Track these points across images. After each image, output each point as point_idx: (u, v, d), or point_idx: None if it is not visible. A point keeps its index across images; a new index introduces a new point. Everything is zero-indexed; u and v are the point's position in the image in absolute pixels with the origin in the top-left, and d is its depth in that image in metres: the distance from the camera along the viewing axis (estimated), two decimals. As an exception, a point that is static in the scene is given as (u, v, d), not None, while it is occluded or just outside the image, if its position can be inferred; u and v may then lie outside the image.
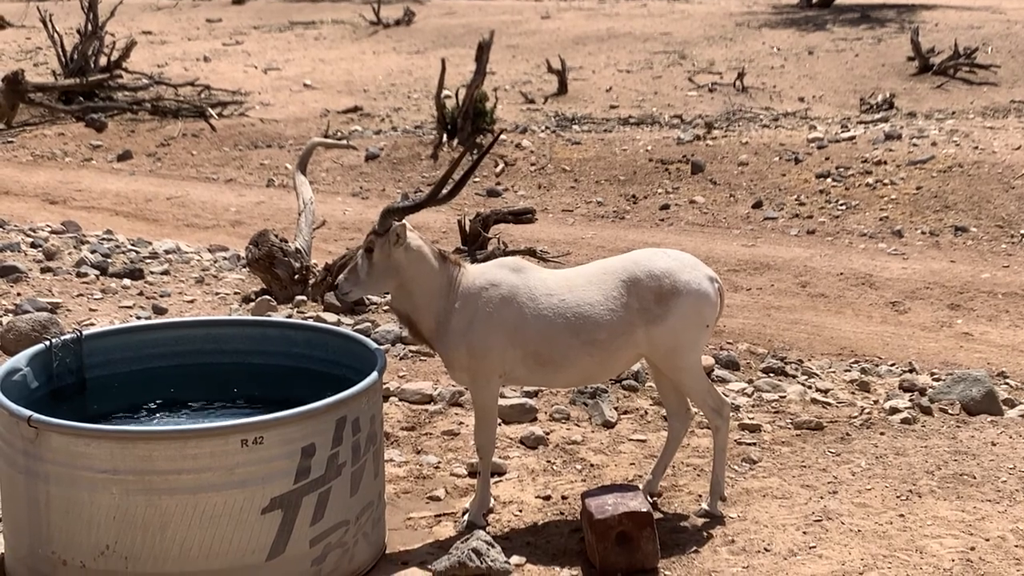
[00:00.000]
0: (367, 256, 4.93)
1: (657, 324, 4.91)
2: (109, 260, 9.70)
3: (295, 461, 4.20)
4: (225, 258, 10.56)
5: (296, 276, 8.59)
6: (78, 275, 9.17)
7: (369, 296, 8.53)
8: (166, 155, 18.17)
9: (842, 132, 16.31)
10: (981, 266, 12.02)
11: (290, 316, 7.89)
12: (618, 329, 4.90)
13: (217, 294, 9.00)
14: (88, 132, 18.88)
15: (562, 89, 21.54)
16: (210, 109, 19.70)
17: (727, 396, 6.89)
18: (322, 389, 4.51)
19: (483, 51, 17.08)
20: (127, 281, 9.13)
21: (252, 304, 8.31)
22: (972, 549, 4.70)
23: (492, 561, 4.46)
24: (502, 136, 17.41)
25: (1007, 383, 7.96)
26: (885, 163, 14.89)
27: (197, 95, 20.81)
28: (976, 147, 14.98)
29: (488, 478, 5.16)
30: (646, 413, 6.51)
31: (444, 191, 5.02)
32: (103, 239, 10.78)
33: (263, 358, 5.28)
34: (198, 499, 4.08)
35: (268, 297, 8.41)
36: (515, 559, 4.69)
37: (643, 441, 6.07)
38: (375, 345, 4.90)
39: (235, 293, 8.98)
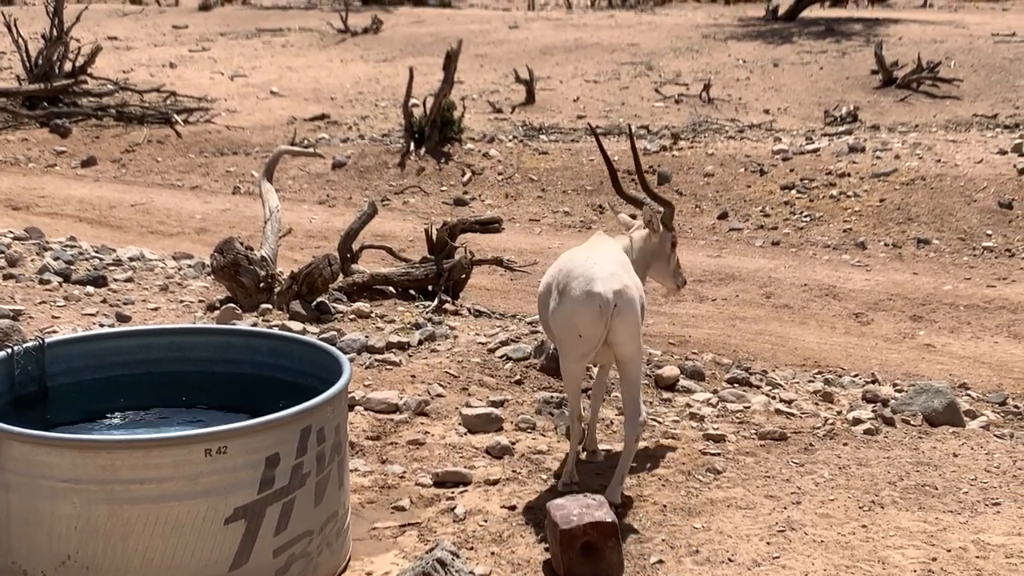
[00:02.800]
0: None
1: (553, 317, 5.41)
2: (72, 267, 9.62)
3: (259, 471, 4.18)
4: (190, 266, 10.49)
5: (261, 284, 8.55)
6: (41, 282, 9.09)
7: (335, 305, 8.51)
8: (131, 161, 18.06)
9: (807, 144, 16.44)
10: (943, 278, 12.14)
11: (255, 325, 7.85)
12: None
13: (181, 302, 8.94)
14: (52, 138, 18.74)
15: (530, 99, 21.59)
16: (176, 115, 19.60)
17: (691, 406, 6.92)
18: (287, 398, 4.49)
19: (451, 60, 17.10)
20: (90, 288, 9.06)
21: (217, 312, 8.27)
22: (934, 560, 4.74)
23: (456, 572, 4.45)
24: (470, 145, 17.43)
25: (969, 394, 8.04)
26: (849, 175, 15.03)
27: (163, 101, 20.69)
28: (939, 160, 15.14)
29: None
30: (611, 423, 6.53)
31: None
32: (66, 246, 10.68)
33: (227, 367, 5.25)
34: (161, 509, 4.05)
35: (233, 305, 8.36)
36: (479, 569, 4.69)
37: (608, 451, 6.08)
38: (340, 354, 4.89)
39: (200, 301, 8.93)
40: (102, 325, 7.97)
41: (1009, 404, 7.82)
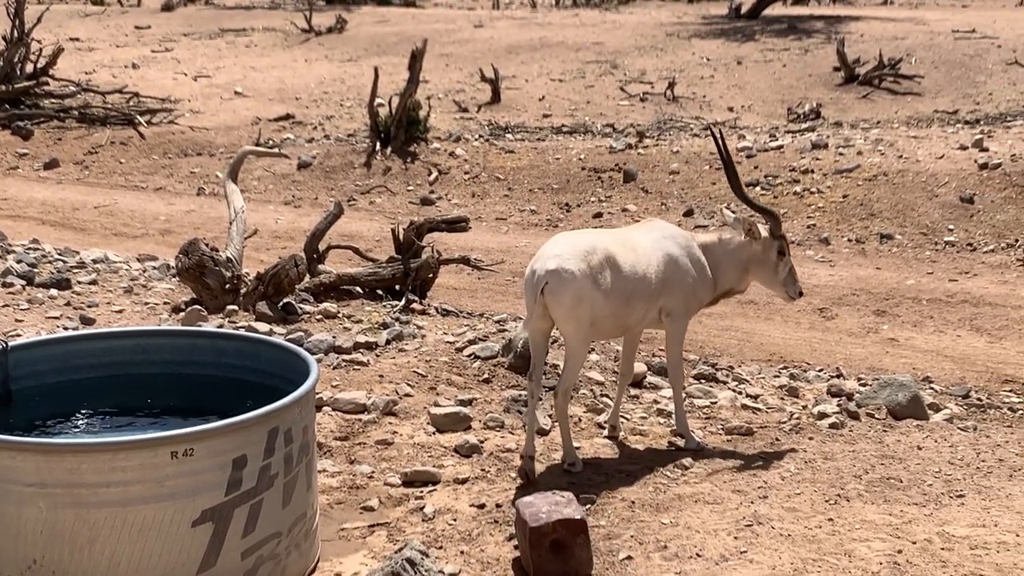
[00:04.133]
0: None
1: None
2: (35, 270, 9.54)
3: (226, 473, 4.16)
4: (155, 267, 10.42)
5: (227, 286, 8.51)
6: (3, 285, 9.01)
7: (301, 306, 8.49)
8: (94, 163, 17.92)
9: (770, 141, 16.54)
10: (906, 272, 12.25)
11: (221, 326, 7.81)
12: None
13: (146, 304, 8.89)
14: (14, 140, 18.57)
15: (495, 98, 21.60)
16: (139, 117, 19.47)
17: (659, 403, 6.96)
18: (254, 399, 4.47)
19: (416, 59, 17.08)
20: (54, 291, 8.99)
21: (182, 314, 8.22)
22: (899, 552, 4.78)
23: (426, 571, 4.46)
24: (436, 144, 17.42)
25: (932, 388, 8.12)
26: (812, 172, 15.13)
27: (126, 102, 20.54)
28: (900, 156, 15.27)
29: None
30: (579, 420, 6.54)
31: None
32: (29, 248, 10.58)
33: (194, 369, 5.23)
34: (127, 512, 4.03)
35: (198, 307, 8.32)
36: (449, 568, 4.69)
37: (577, 448, 6.10)
38: (307, 355, 4.88)
39: (165, 303, 8.87)
40: (66, 328, 7.91)
41: (972, 397, 7.91)
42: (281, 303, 8.38)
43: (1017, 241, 13.00)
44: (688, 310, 6.13)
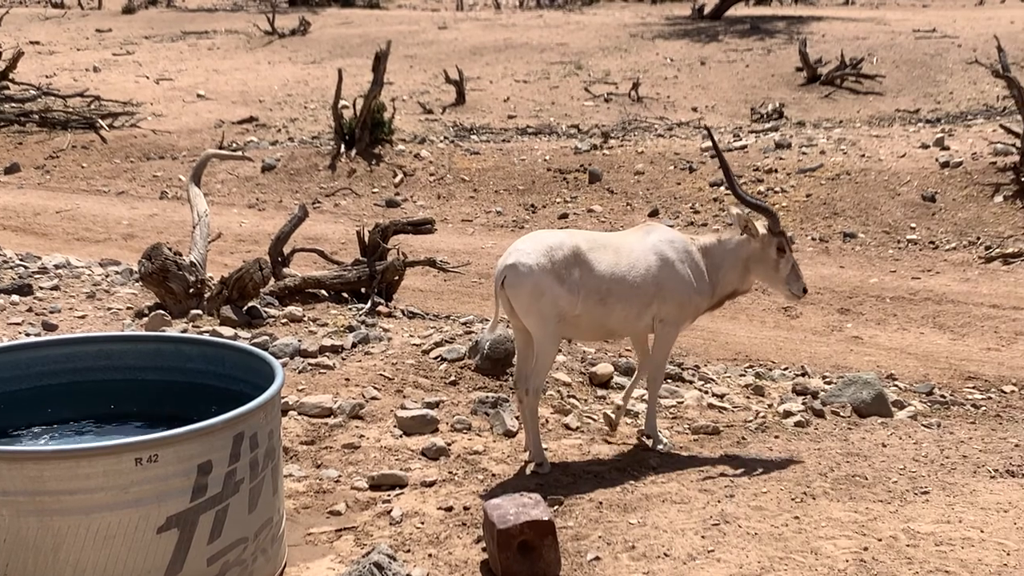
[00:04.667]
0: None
1: None
2: (-4, 276, 9.44)
3: (191, 479, 4.13)
4: (117, 272, 10.34)
5: (191, 290, 8.45)
6: (-37, 292, 8.92)
7: (266, 309, 8.45)
8: (55, 167, 17.76)
9: (734, 141, 16.62)
10: (869, 271, 12.34)
11: (185, 331, 7.76)
12: None
13: (109, 309, 8.81)
14: (-27, 144, 18.38)
15: (460, 99, 21.58)
16: (100, 120, 19.32)
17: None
18: (219, 405, 4.44)
19: (380, 61, 17.04)
20: (15, 297, 8.89)
21: (146, 319, 8.16)
22: (865, 549, 4.81)
23: (393, 575, 4.44)
24: (401, 146, 17.39)
25: (896, 385, 8.19)
26: (776, 171, 15.22)
27: (87, 106, 20.37)
28: (863, 155, 15.39)
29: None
30: (547, 421, 6.55)
31: None
32: (-10, 254, 10.49)
33: (158, 374, 5.19)
34: (92, 519, 3.99)
35: (162, 312, 8.26)
36: (417, 572, 4.68)
37: (545, 450, 6.10)
38: (273, 359, 4.85)
39: (128, 308, 8.80)
40: (28, 334, 7.83)
41: (936, 394, 7.98)
42: (246, 307, 8.34)
43: (978, 239, 13.13)
44: (682, 317, 6.11)
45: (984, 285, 11.74)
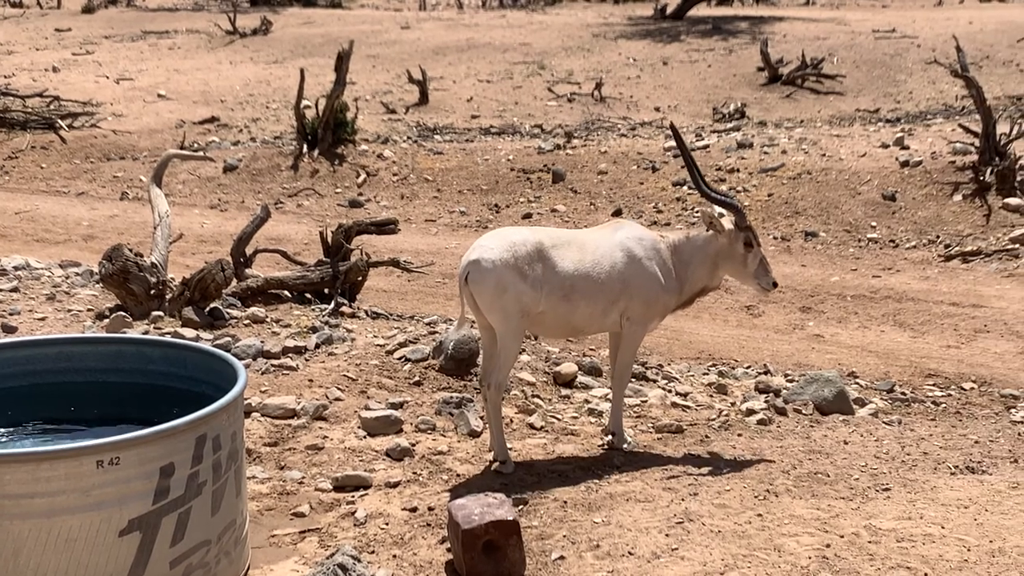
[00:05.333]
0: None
1: None
2: (-46, 278, 9.33)
3: (153, 481, 4.10)
4: (78, 274, 10.24)
5: (152, 291, 8.39)
6: (-80, 294, 8.80)
7: (228, 311, 8.40)
8: (14, 168, 17.57)
9: (697, 141, 16.69)
10: (830, 270, 12.44)
11: (146, 332, 7.71)
12: None
13: (69, 311, 8.73)
14: (-70, 145, 18.16)
15: (423, 99, 21.55)
16: (60, 121, 19.13)
17: (590, 403, 6.99)
18: (182, 407, 4.41)
19: (342, 61, 16.98)
20: (-27, 299, 8.80)
21: (106, 321, 8.09)
22: (828, 546, 4.85)
23: None
24: (364, 146, 17.33)
25: (857, 383, 8.25)
26: (738, 171, 15.31)
27: (46, 106, 20.16)
28: (824, 154, 15.51)
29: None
30: (512, 421, 6.55)
31: None
32: (-53, 256, 10.36)
33: (119, 376, 5.15)
34: (53, 523, 3.96)
35: (123, 313, 8.19)
36: (381, 573, 4.67)
37: (509, 449, 6.10)
38: (235, 360, 4.82)
39: (88, 310, 8.72)
40: (-14, 337, 7.74)
41: (896, 391, 8.05)
42: (208, 308, 8.28)
43: (938, 237, 13.26)
44: (650, 315, 6.09)
45: (944, 283, 11.87)
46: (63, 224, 14.44)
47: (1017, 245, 12.69)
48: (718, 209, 6.23)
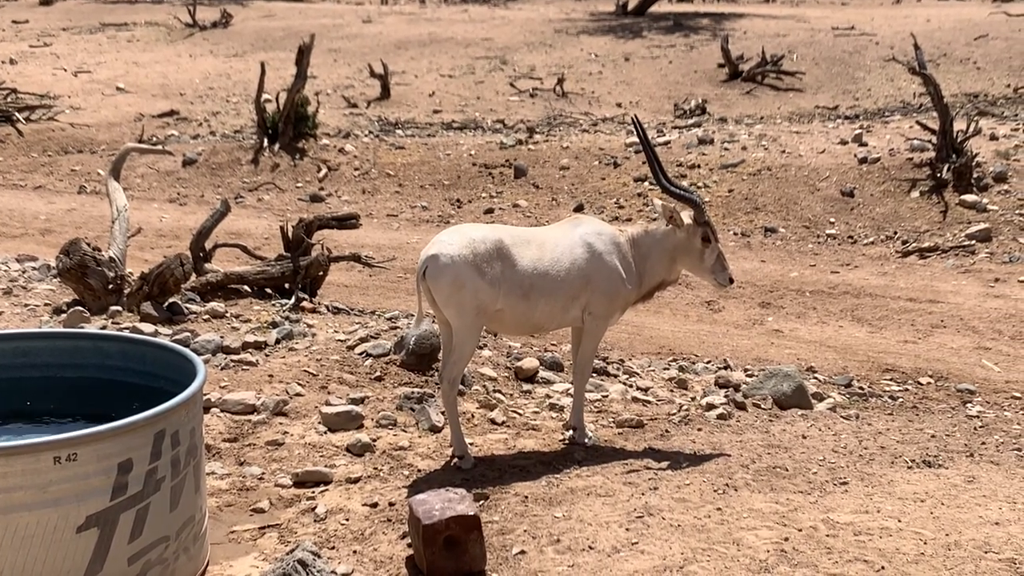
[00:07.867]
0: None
1: None
2: (-93, 272, 9.21)
3: (111, 477, 4.08)
4: (34, 268, 10.14)
5: (110, 286, 8.32)
6: None
7: (188, 306, 8.34)
8: (-31, 161, 17.36)
9: (658, 137, 16.76)
10: (790, 265, 12.53)
11: (104, 327, 7.64)
12: None
13: (26, 306, 8.64)
14: None
15: (385, 94, 21.49)
16: (17, 113, 18.92)
17: (551, 397, 7.00)
18: (140, 402, 4.38)
19: (304, 55, 16.90)
20: (-72, 294, 8.69)
21: (64, 316, 8.02)
22: (786, 540, 4.89)
23: (318, 572, 4.42)
24: (325, 141, 17.26)
25: (816, 377, 8.31)
26: (699, 167, 15.37)
27: (3, 99, 19.91)
28: (783, 151, 15.61)
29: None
30: (472, 416, 6.55)
31: None
32: (-100, 250, 10.23)
33: (76, 371, 5.10)
34: (9, 519, 3.92)
35: (81, 308, 8.12)
36: (341, 568, 4.66)
37: (471, 444, 6.10)
38: (194, 355, 4.79)
39: (45, 304, 8.64)
40: (-59, 332, 7.64)
41: (854, 386, 8.12)
42: (166, 303, 8.23)
43: (896, 233, 13.38)
44: (611, 310, 6.11)
45: (901, 279, 11.98)
46: (20, 218, 14.28)
47: (973, 241, 12.84)
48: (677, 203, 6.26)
